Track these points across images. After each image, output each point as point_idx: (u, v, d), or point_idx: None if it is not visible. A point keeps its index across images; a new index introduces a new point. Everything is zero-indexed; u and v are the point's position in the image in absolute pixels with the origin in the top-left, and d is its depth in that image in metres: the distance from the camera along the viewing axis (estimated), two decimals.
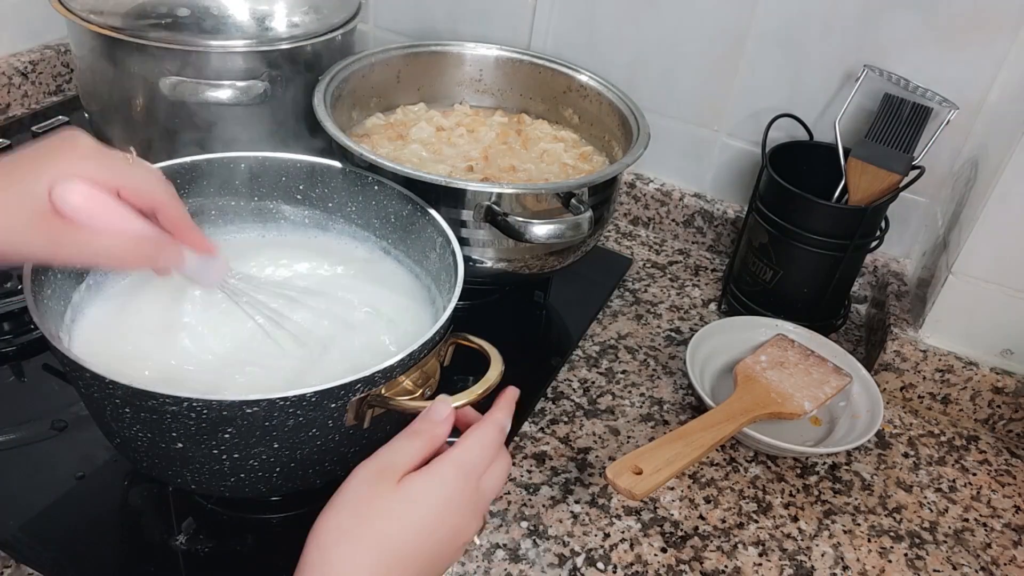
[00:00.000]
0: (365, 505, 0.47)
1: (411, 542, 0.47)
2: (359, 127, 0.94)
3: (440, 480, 0.48)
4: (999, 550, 0.73)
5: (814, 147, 0.91)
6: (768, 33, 0.93)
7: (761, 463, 0.78)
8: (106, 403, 0.53)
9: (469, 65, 1.00)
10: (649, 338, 0.91)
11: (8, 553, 0.61)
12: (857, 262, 0.90)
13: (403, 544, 0.47)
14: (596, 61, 1.01)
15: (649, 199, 1.07)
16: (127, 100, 0.89)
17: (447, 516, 0.48)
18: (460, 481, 0.49)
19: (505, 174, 0.87)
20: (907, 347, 0.85)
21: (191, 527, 0.64)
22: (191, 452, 0.54)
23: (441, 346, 0.59)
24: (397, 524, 0.47)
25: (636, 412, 0.81)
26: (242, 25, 0.86)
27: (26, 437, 0.69)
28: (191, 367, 0.61)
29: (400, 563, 0.46)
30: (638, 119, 0.87)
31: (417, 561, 0.47)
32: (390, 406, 0.55)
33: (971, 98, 0.86)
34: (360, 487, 0.48)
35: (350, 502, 0.47)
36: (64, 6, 0.86)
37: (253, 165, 0.73)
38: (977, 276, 0.81)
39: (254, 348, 0.63)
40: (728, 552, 0.69)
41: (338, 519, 0.47)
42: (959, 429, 0.86)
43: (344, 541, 0.46)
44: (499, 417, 0.53)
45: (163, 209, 0.54)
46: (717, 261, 1.05)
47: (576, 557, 0.67)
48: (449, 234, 0.67)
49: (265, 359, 0.62)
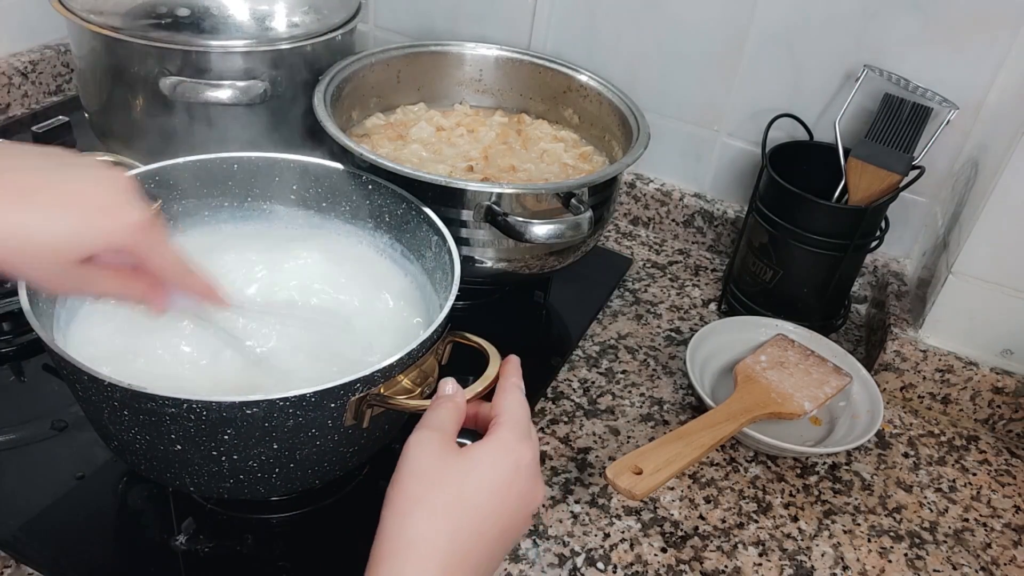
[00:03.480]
0: (436, 472, 0.46)
1: (485, 506, 0.46)
2: (359, 127, 0.94)
3: (503, 442, 0.48)
4: (999, 550, 0.73)
5: (814, 147, 0.91)
6: (768, 33, 0.92)
7: (761, 463, 0.78)
8: (104, 406, 0.53)
9: (469, 65, 1.00)
10: (649, 338, 0.91)
11: (8, 553, 0.61)
12: (857, 262, 0.90)
13: (478, 508, 0.46)
14: (596, 61, 1.01)
15: (649, 199, 1.07)
16: (127, 100, 0.89)
17: (516, 479, 0.48)
18: (520, 442, 0.49)
19: (505, 174, 0.87)
20: (907, 347, 0.85)
21: (191, 527, 0.64)
22: (190, 454, 0.54)
23: (439, 345, 0.59)
24: (472, 489, 0.46)
25: (636, 412, 0.81)
26: (242, 25, 0.86)
27: (26, 437, 0.69)
28: (188, 369, 0.61)
29: (477, 528, 0.46)
30: (638, 119, 0.87)
31: (494, 527, 0.47)
32: (389, 405, 0.55)
33: (971, 98, 0.85)
34: (424, 456, 0.47)
35: (418, 471, 0.47)
36: (64, 6, 0.86)
37: (247, 165, 0.73)
38: (977, 276, 0.81)
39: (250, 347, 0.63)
40: (728, 552, 0.69)
41: (410, 488, 0.46)
42: (959, 429, 0.86)
43: (419, 508, 0.45)
44: (515, 381, 0.53)
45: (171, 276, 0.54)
46: (717, 261, 1.05)
47: (576, 557, 0.67)
48: (444, 232, 0.67)
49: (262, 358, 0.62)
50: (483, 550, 0.46)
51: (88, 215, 0.47)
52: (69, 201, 0.46)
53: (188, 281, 0.55)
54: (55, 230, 0.46)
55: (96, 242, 0.48)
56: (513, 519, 0.48)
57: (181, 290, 0.55)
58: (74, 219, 0.46)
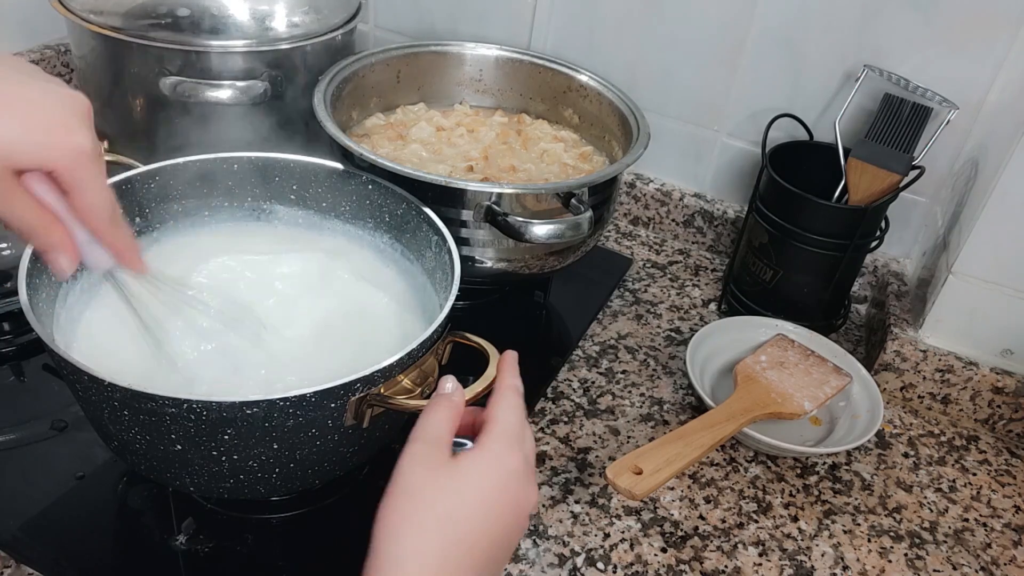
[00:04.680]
0: (424, 488, 0.46)
1: (475, 519, 0.46)
2: (359, 127, 0.94)
3: (492, 453, 0.48)
4: (999, 550, 0.73)
5: (814, 147, 0.91)
6: (768, 33, 0.92)
7: (761, 463, 0.78)
8: (104, 406, 0.53)
9: (469, 65, 1.00)
10: (649, 338, 0.91)
11: (8, 553, 0.61)
12: (857, 262, 0.90)
13: (467, 523, 0.46)
14: (596, 61, 1.01)
15: (649, 199, 1.07)
16: (127, 100, 0.89)
17: (507, 489, 0.48)
18: (510, 451, 0.49)
19: (505, 174, 0.87)
20: (907, 347, 0.85)
21: (191, 527, 0.64)
22: (190, 454, 0.54)
23: (439, 345, 0.59)
24: (459, 503, 0.46)
25: (636, 412, 0.81)
26: (242, 25, 0.86)
27: (26, 437, 0.69)
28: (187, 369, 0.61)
29: (469, 542, 0.46)
30: (638, 119, 0.87)
31: (484, 539, 0.47)
32: (389, 405, 0.55)
33: (971, 98, 0.85)
34: (415, 469, 0.47)
35: (409, 488, 0.46)
36: (64, 6, 0.86)
37: (247, 165, 0.73)
38: (977, 276, 0.81)
39: (251, 348, 0.63)
40: (728, 552, 0.69)
41: (398, 505, 0.46)
42: (959, 429, 0.85)
43: (409, 526, 0.45)
44: (513, 383, 0.53)
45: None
46: (717, 261, 1.05)
47: (576, 557, 0.67)
48: (444, 232, 0.67)
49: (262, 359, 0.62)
50: (478, 560, 0.46)
51: (32, 127, 0.44)
52: (17, 109, 0.44)
53: (111, 233, 0.50)
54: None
55: (32, 155, 0.45)
56: (507, 527, 0.48)
57: (102, 241, 0.49)
58: (16, 126, 0.44)
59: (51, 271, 0.50)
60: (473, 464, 0.48)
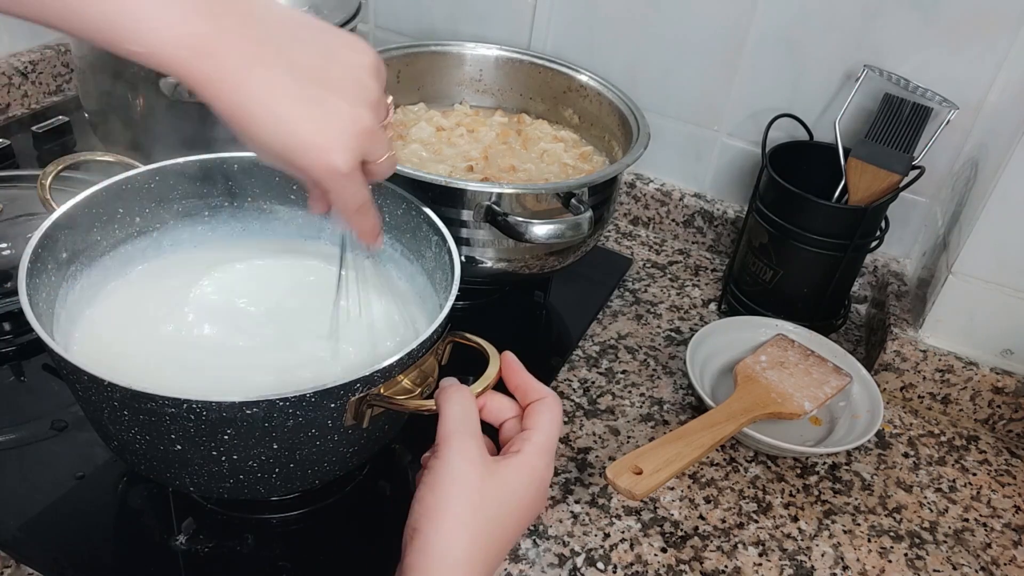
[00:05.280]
0: (479, 493, 0.49)
1: (508, 525, 0.50)
2: None
3: (532, 469, 0.52)
4: (999, 550, 0.73)
5: (814, 147, 0.91)
6: (768, 33, 0.93)
7: (761, 463, 0.78)
8: (104, 406, 0.53)
9: (469, 65, 1.00)
10: (649, 338, 0.91)
11: (8, 553, 0.61)
12: (857, 262, 0.90)
13: (503, 528, 0.50)
14: (596, 61, 1.01)
15: (649, 199, 1.07)
16: (127, 100, 0.89)
17: (537, 501, 0.52)
18: (548, 465, 0.53)
19: (505, 174, 0.87)
20: (907, 347, 0.85)
21: (191, 527, 0.64)
22: (190, 454, 0.54)
23: (439, 345, 0.59)
24: (503, 514, 0.50)
25: (636, 412, 0.81)
26: None
27: (26, 437, 0.69)
28: (186, 369, 0.61)
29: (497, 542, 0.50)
30: (638, 119, 0.87)
31: (507, 545, 0.51)
32: (389, 405, 0.55)
33: (971, 98, 0.86)
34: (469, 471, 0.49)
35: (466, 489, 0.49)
36: None
37: (247, 165, 0.72)
38: (977, 276, 0.81)
39: (250, 348, 0.63)
40: (728, 552, 0.69)
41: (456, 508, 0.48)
42: (959, 429, 0.86)
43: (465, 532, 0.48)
44: (554, 393, 0.56)
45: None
46: (717, 261, 1.05)
47: (576, 557, 0.67)
48: (444, 232, 0.67)
49: (262, 360, 0.62)
50: (497, 557, 0.50)
51: (304, 142, 0.48)
52: (306, 115, 0.47)
53: (355, 219, 0.55)
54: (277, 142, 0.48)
55: (290, 168, 0.50)
56: (520, 525, 0.52)
57: (348, 224, 0.56)
58: (293, 139, 0.48)
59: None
60: (518, 476, 0.51)
